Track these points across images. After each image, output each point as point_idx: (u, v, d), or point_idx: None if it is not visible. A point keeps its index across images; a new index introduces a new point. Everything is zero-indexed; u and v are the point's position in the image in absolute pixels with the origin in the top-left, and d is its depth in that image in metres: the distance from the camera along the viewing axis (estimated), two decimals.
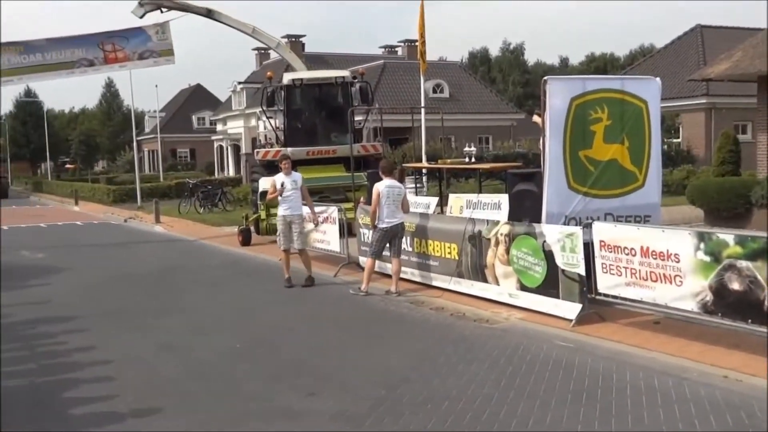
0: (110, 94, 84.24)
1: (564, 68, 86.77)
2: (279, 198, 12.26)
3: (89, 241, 20.92)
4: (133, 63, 20.55)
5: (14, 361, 8.09)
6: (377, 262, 11.77)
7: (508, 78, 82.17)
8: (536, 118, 10.88)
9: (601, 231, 8.41)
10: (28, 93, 79.15)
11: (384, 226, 11.14)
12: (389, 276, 11.57)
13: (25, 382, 7.34)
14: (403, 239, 11.54)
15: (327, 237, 13.43)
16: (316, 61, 44.29)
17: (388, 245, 11.32)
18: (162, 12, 20.68)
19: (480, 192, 12.63)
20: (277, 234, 12.68)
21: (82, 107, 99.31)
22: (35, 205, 42.20)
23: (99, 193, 40.58)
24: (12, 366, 7.88)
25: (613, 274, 8.21)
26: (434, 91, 44.51)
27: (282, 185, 12.18)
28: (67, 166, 78.46)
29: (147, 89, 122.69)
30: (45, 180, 62.11)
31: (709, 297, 7.10)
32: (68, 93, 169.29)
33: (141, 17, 20.51)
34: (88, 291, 12.68)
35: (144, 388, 6.98)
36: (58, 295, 12.33)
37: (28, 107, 78.50)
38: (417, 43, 20.86)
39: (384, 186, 11.11)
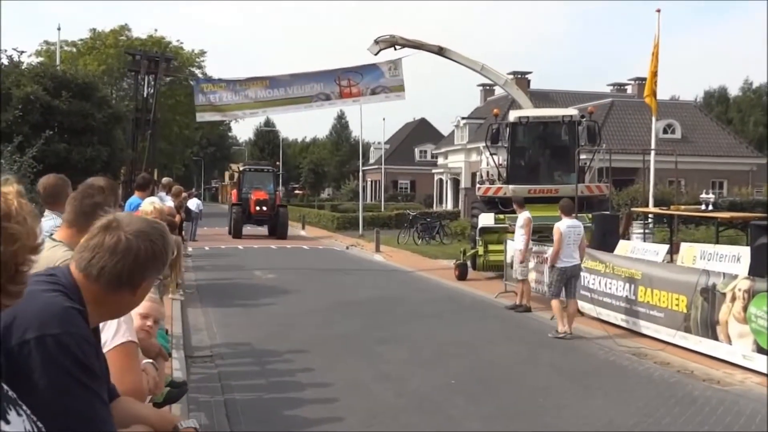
0: (340, 125, 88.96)
1: None
2: None
3: (315, 266, 22.00)
4: (366, 98, 21.60)
5: (247, 376, 8.67)
6: (586, 304, 11.93)
7: (748, 119, 76.64)
8: None
9: None
10: (267, 123, 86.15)
11: (562, 265, 11.29)
12: (602, 321, 11.37)
13: (254, 396, 7.82)
14: (619, 285, 11.34)
15: (546, 278, 13.18)
16: (541, 98, 43.95)
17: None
18: (396, 49, 21.47)
19: (716, 242, 11.86)
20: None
21: (314, 137, 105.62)
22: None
23: (324, 219, 42.59)
24: (245, 380, 8.44)
25: None
26: (665, 131, 42.47)
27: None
28: (296, 191, 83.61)
29: (374, 122, 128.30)
30: None
31: None
32: (302, 123, 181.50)
33: (376, 54, 21.43)
34: (314, 314, 13.30)
35: (364, 415, 7.17)
36: (286, 316, 13.07)
37: (266, 136, 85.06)
38: (648, 81, 20.11)
39: (565, 226, 11.30)
